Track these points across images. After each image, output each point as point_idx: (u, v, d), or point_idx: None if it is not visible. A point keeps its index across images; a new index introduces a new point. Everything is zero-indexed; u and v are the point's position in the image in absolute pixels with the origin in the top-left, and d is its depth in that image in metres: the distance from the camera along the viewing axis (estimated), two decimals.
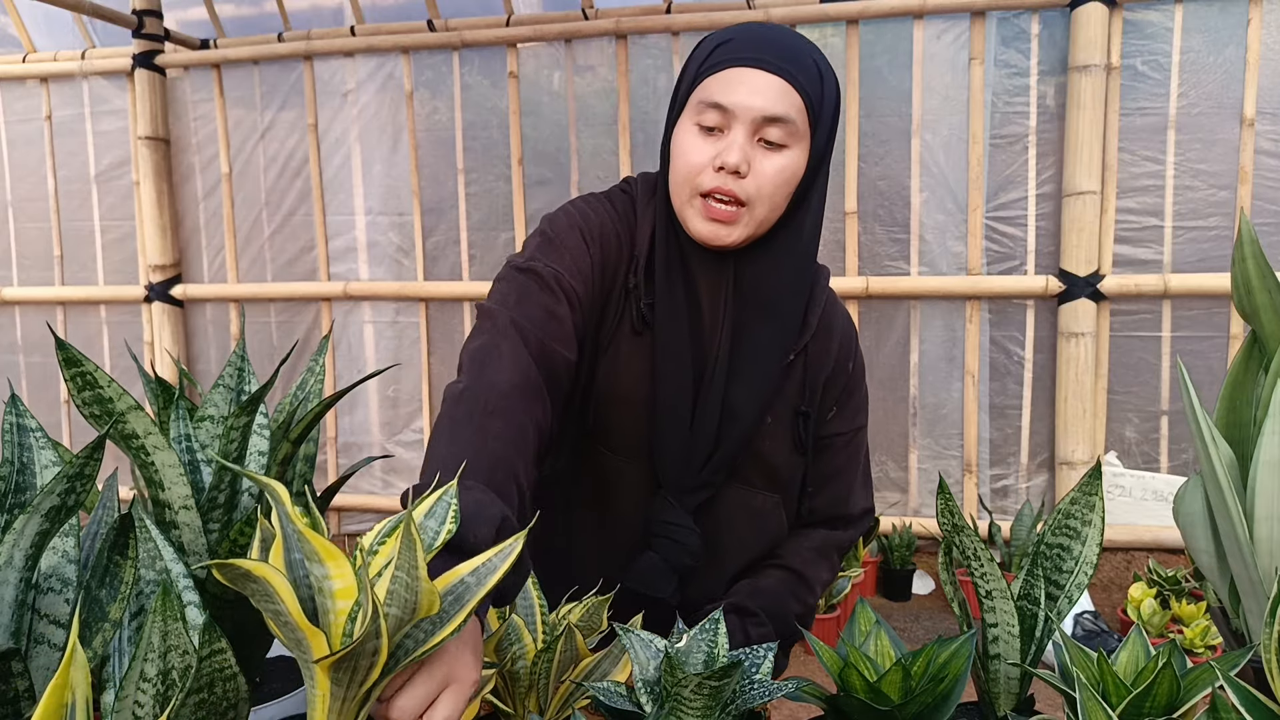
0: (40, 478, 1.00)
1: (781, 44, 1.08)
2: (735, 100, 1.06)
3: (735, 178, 1.07)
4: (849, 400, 1.27)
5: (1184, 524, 1.22)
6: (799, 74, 1.07)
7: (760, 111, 1.06)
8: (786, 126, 1.07)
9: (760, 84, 1.06)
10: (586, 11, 3.89)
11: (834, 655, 0.96)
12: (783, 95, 1.06)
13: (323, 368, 1.46)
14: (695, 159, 1.09)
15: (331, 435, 4.31)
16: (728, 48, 1.08)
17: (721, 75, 1.07)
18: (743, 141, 1.07)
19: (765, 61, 1.06)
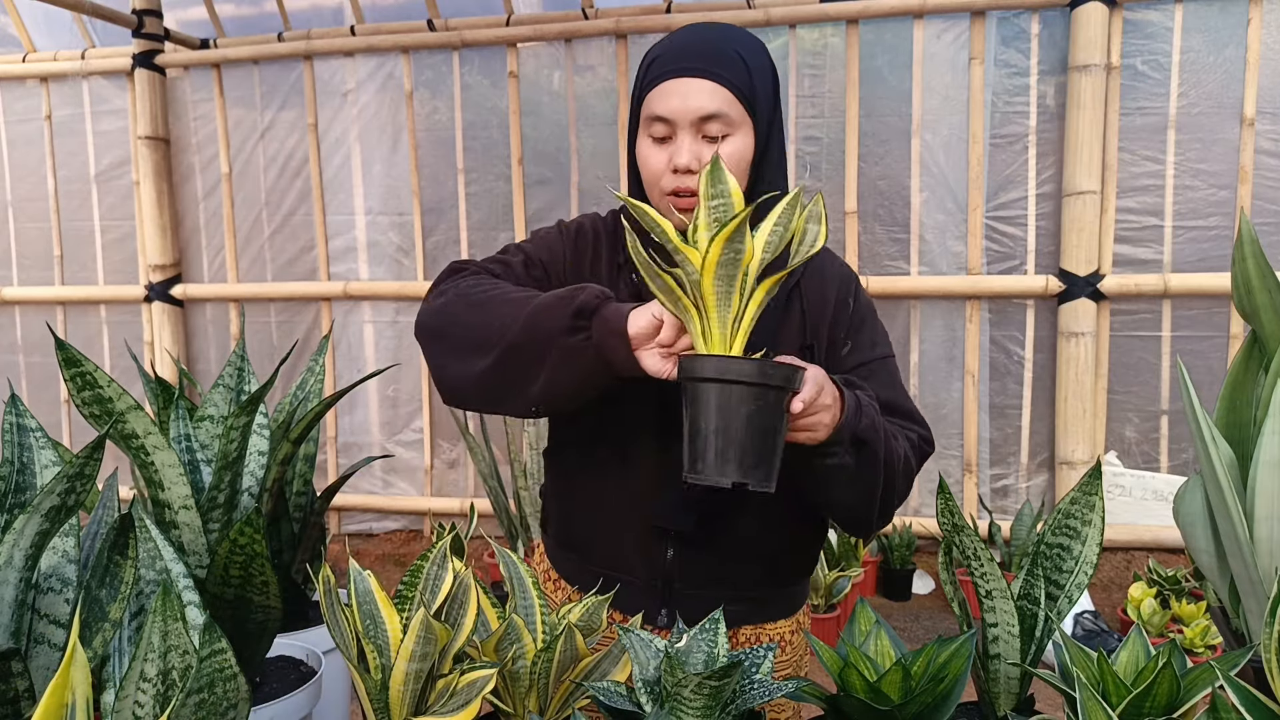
0: (40, 478, 1.00)
1: (704, 47, 1.23)
2: (671, 109, 1.21)
3: (689, 175, 1.21)
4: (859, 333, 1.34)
5: (1184, 524, 1.22)
6: (722, 70, 1.21)
7: (695, 113, 1.20)
8: (722, 119, 1.21)
9: (689, 89, 1.20)
10: (586, 11, 3.89)
11: (834, 655, 0.96)
12: (712, 94, 1.20)
13: (323, 368, 1.46)
14: (655, 166, 1.24)
15: (331, 435, 4.31)
16: (658, 63, 1.24)
17: (657, 90, 1.22)
18: (689, 143, 1.21)
19: (690, 69, 1.21)
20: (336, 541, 4.21)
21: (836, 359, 1.30)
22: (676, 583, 1.27)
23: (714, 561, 1.27)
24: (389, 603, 0.93)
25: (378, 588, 0.94)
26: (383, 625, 0.92)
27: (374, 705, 0.91)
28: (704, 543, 1.27)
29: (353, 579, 0.94)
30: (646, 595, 1.26)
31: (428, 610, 0.88)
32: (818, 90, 3.72)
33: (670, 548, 1.26)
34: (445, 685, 0.93)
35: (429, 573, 0.97)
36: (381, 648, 0.91)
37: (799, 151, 3.75)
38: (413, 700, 0.91)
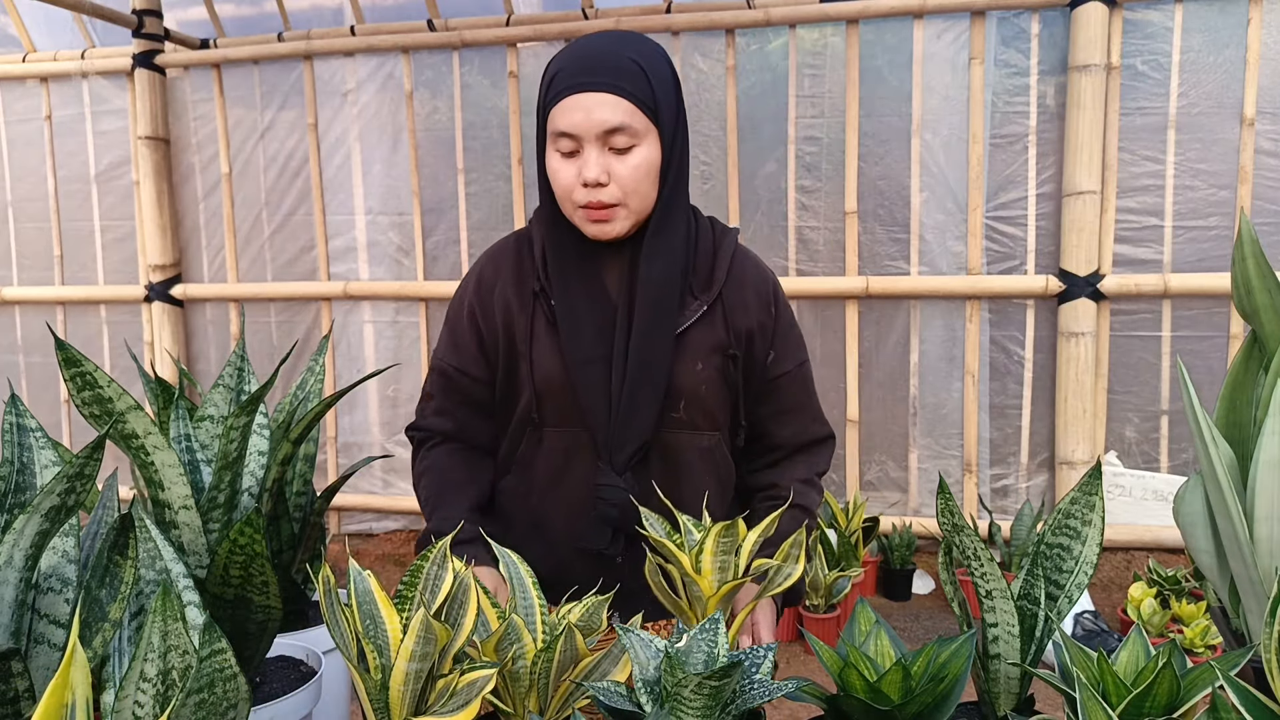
0: (40, 478, 1.00)
1: (604, 59, 1.24)
2: (575, 124, 1.22)
3: (599, 189, 1.24)
4: (784, 342, 1.42)
5: (1184, 524, 1.22)
6: (621, 82, 1.23)
7: (599, 126, 1.22)
8: (626, 130, 1.23)
9: (592, 103, 1.22)
10: (586, 11, 3.89)
11: (834, 655, 0.96)
12: (614, 107, 1.22)
13: (323, 368, 1.46)
14: (565, 180, 1.26)
15: (331, 435, 4.31)
16: (559, 78, 1.25)
17: (560, 106, 1.24)
18: (595, 156, 1.23)
19: (590, 83, 1.22)
20: (336, 541, 4.21)
21: (761, 366, 1.39)
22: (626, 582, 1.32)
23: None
24: (389, 603, 0.93)
25: (377, 588, 0.94)
26: (382, 625, 0.92)
27: (374, 705, 0.91)
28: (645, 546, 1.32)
29: (352, 579, 0.94)
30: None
31: (428, 610, 0.88)
32: (818, 90, 3.72)
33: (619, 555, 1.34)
34: (445, 685, 0.93)
35: (429, 573, 0.97)
36: (381, 648, 0.91)
37: (799, 151, 3.75)
38: (413, 700, 0.91)
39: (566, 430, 1.35)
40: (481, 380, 1.40)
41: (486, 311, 1.38)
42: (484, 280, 1.40)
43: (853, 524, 3.49)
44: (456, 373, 1.40)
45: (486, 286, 1.39)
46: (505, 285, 1.38)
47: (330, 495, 1.52)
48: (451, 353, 1.41)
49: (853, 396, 3.79)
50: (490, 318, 1.37)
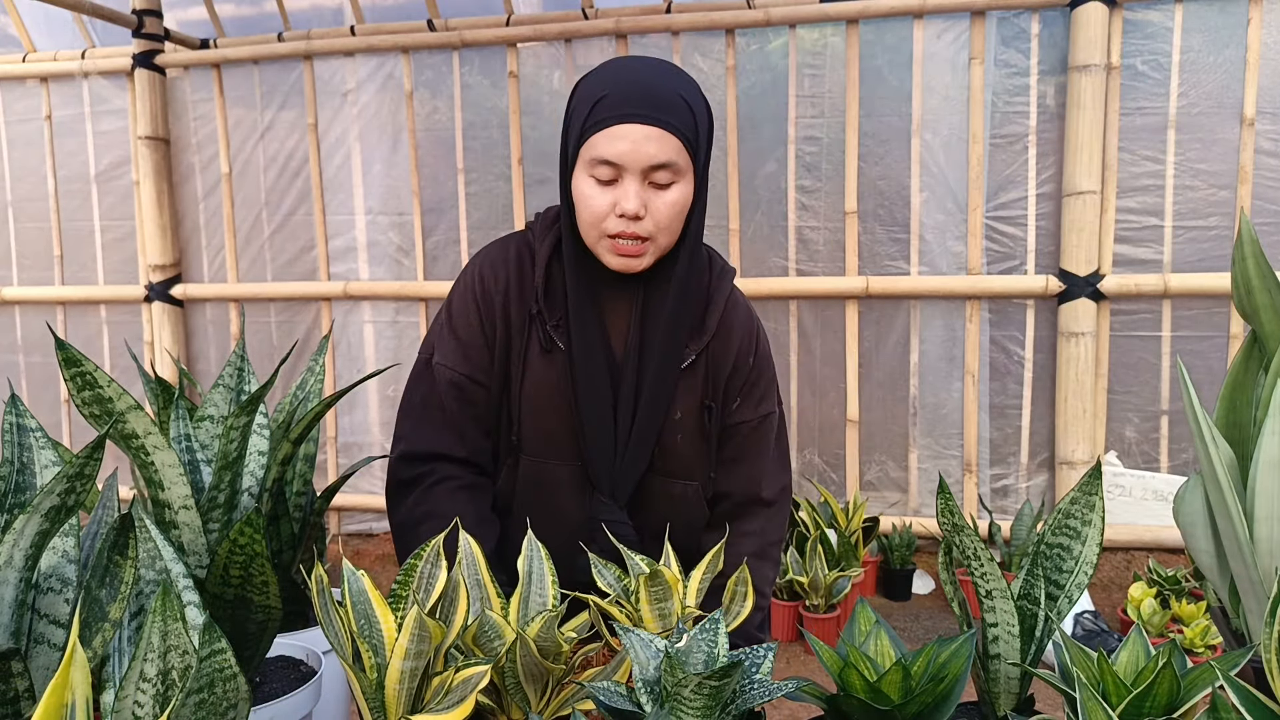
0: (40, 478, 1.00)
1: (652, 91, 1.20)
2: (621, 154, 1.19)
3: (635, 221, 1.21)
4: (752, 391, 1.39)
5: (1184, 524, 1.22)
6: (672, 119, 1.20)
7: (647, 161, 1.19)
8: (671, 168, 1.21)
9: (640, 136, 1.18)
10: (586, 11, 3.89)
11: (834, 655, 0.96)
12: (663, 142, 1.19)
13: (323, 368, 1.46)
14: (597, 208, 1.22)
15: (331, 435, 4.31)
16: (605, 104, 1.20)
17: (606, 133, 1.20)
18: (636, 189, 1.20)
19: (641, 115, 1.18)
20: (336, 541, 4.21)
21: (728, 408, 1.38)
22: None
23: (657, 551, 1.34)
24: (383, 602, 0.93)
25: (371, 587, 0.94)
26: (377, 624, 0.92)
27: (370, 704, 0.91)
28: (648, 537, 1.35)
29: (346, 579, 0.94)
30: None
31: (421, 609, 0.88)
32: (818, 90, 3.72)
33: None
34: (440, 683, 0.93)
35: (422, 571, 0.97)
36: (376, 647, 0.91)
37: (799, 151, 3.75)
38: (408, 698, 0.91)
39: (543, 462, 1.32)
40: (489, 388, 1.34)
41: (492, 318, 1.33)
42: (487, 285, 1.35)
43: (853, 524, 3.49)
44: (469, 382, 1.33)
45: (488, 293, 1.34)
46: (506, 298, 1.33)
47: (330, 495, 1.52)
48: (462, 361, 1.34)
49: (853, 396, 3.79)
50: (494, 324, 1.33)
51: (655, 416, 1.30)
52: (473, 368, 1.34)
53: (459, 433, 1.34)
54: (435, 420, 1.35)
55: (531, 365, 1.31)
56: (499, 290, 1.34)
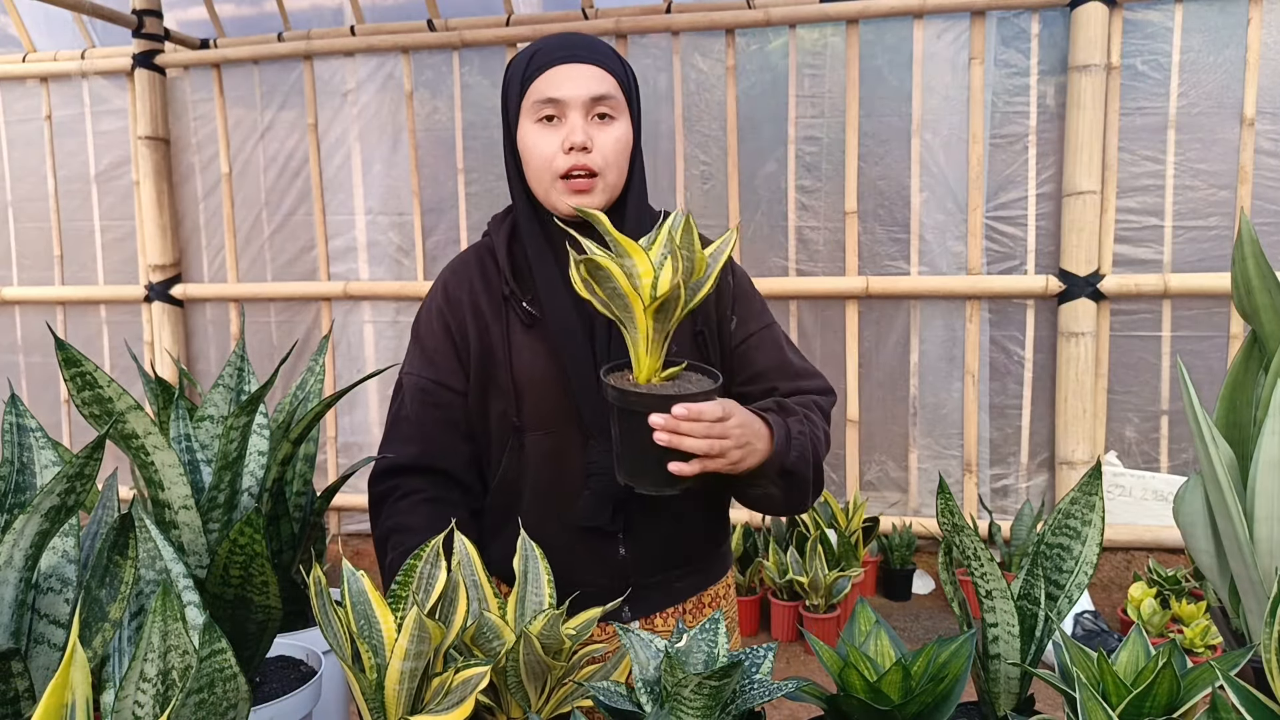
0: (40, 478, 1.00)
1: (586, 40, 1.30)
2: (564, 92, 1.25)
3: (584, 153, 1.26)
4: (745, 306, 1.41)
5: (1184, 524, 1.22)
6: (605, 59, 1.29)
7: (588, 93, 1.26)
8: (611, 101, 1.27)
9: (580, 73, 1.26)
10: (586, 11, 3.89)
11: (834, 655, 0.96)
12: (601, 78, 1.27)
13: (323, 368, 1.46)
14: (546, 149, 1.27)
15: (331, 435, 4.31)
16: (541, 54, 1.29)
17: (545, 75, 1.27)
18: (581, 123, 1.26)
19: (578, 55, 1.27)
20: (336, 541, 4.21)
21: (726, 334, 1.38)
22: (632, 576, 1.33)
23: (661, 545, 1.34)
24: (383, 602, 0.93)
25: (371, 587, 0.94)
26: (377, 625, 0.92)
27: (370, 705, 0.91)
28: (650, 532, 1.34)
29: (346, 579, 0.94)
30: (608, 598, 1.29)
31: (421, 609, 0.88)
32: (818, 90, 3.72)
33: (621, 546, 1.32)
34: (440, 683, 0.93)
35: (422, 571, 0.97)
36: (376, 647, 0.91)
37: (799, 151, 3.75)
38: (408, 699, 0.91)
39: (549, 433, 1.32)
40: (460, 393, 1.35)
41: (459, 322, 1.35)
42: (450, 292, 1.37)
43: (853, 524, 3.49)
44: (435, 386, 1.35)
45: (454, 298, 1.37)
46: (473, 295, 1.36)
47: (330, 495, 1.51)
48: (427, 367, 1.36)
49: (853, 396, 3.79)
50: (464, 327, 1.35)
51: None
52: (438, 372, 1.36)
53: (426, 442, 1.34)
54: (402, 433, 1.36)
55: (516, 345, 1.33)
56: (465, 292, 1.37)
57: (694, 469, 1.09)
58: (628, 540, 1.33)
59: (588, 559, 1.31)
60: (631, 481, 1.11)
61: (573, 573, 1.28)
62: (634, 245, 1.05)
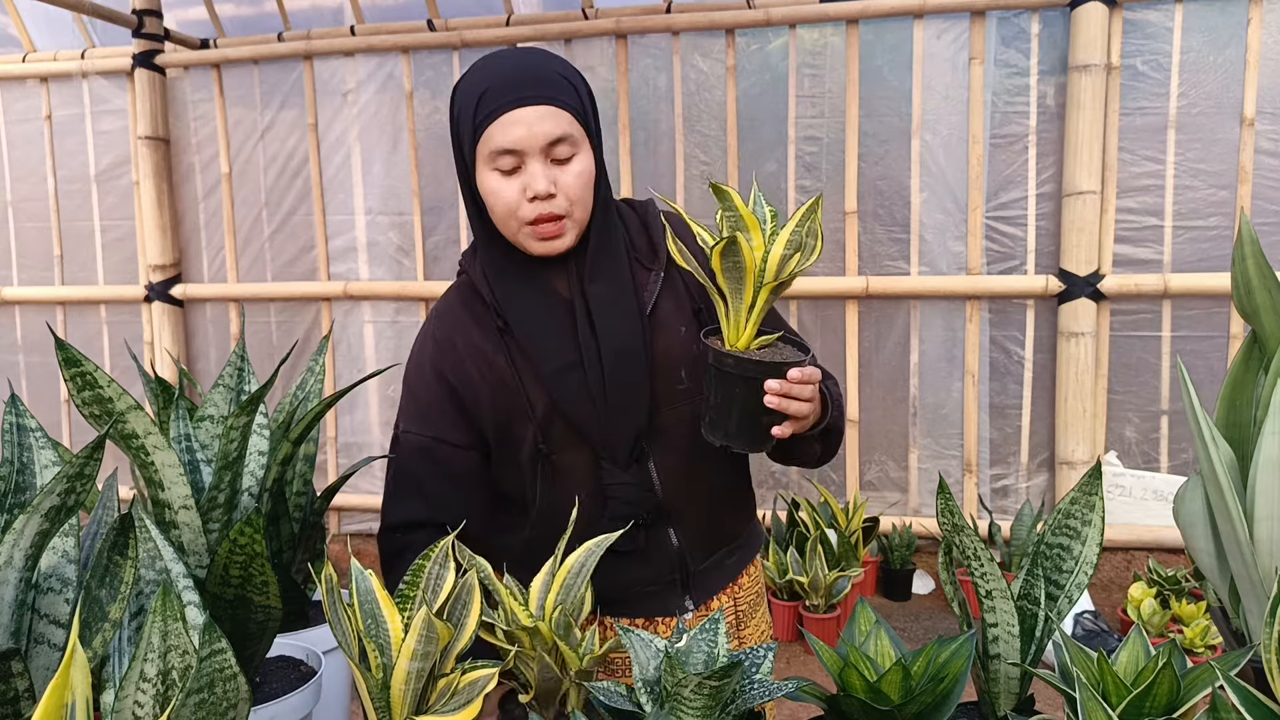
0: (40, 478, 1.00)
1: (531, 73, 1.24)
2: (519, 139, 1.21)
3: (548, 201, 1.23)
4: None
5: (1184, 524, 1.22)
6: (557, 94, 1.23)
7: (545, 139, 1.21)
8: (568, 140, 1.23)
9: (533, 116, 1.21)
10: (586, 11, 3.89)
11: (834, 655, 0.96)
12: (555, 117, 1.22)
13: (323, 368, 1.46)
14: (508, 198, 1.24)
15: (331, 435, 4.31)
16: (488, 97, 1.23)
17: (498, 124, 1.22)
18: (541, 169, 1.22)
19: (528, 97, 1.21)
20: (337, 541, 4.21)
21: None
22: (690, 565, 1.33)
23: (708, 526, 1.35)
24: (390, 602, 0.93)
25: (379, 587, 0.94)
26: (384, 624, 0.92)
27: (375, 704, 0.91)
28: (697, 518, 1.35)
29: (354, 578, 0.95)
30: (669, 592, 1.30)
31: (430, 609, 0.88)
32: (818, 90, 3.72)
33: (674, 539, 1.32)
34: (447, 684, 0.93)
35: (430, 572, 0.97)
36: (383, 646, 0.91)
37: (799, 151, 3.75)
38: (414, 699, 0.91)
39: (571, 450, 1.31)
40: (460, 446, 1.32)
41: (457, 367, 1.32)
42: (439, 340, 1.35)
43: (853, 524, 3.49)
44: (433, 442, 1.32)
45: (445, 345, 1.34)
46: (467, 335, 1.33)
47: (330, 495, 1.51)
48: (422, 424, 1.34)
49: (853, 396, 3.79)
50: (463, 372, 1.32)
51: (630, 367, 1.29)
52: (435, 428, 1.33)
53: (431, 500, 1.32)
54: (407, 490, 1.34)
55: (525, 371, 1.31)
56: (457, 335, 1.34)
57: (788, 431, 1.15)
58: (679, 531, 1.33)
59: (642, 559, 1.31)
60: (729, 442, 1.17)
61: (630, 574, 1.28)
62: (756, 224, 1.10)
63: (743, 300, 1.14)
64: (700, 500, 1.34)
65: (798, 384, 1.11)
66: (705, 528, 1.35)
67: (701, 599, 1.35)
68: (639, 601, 1.31)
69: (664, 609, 1.31)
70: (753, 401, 1.13)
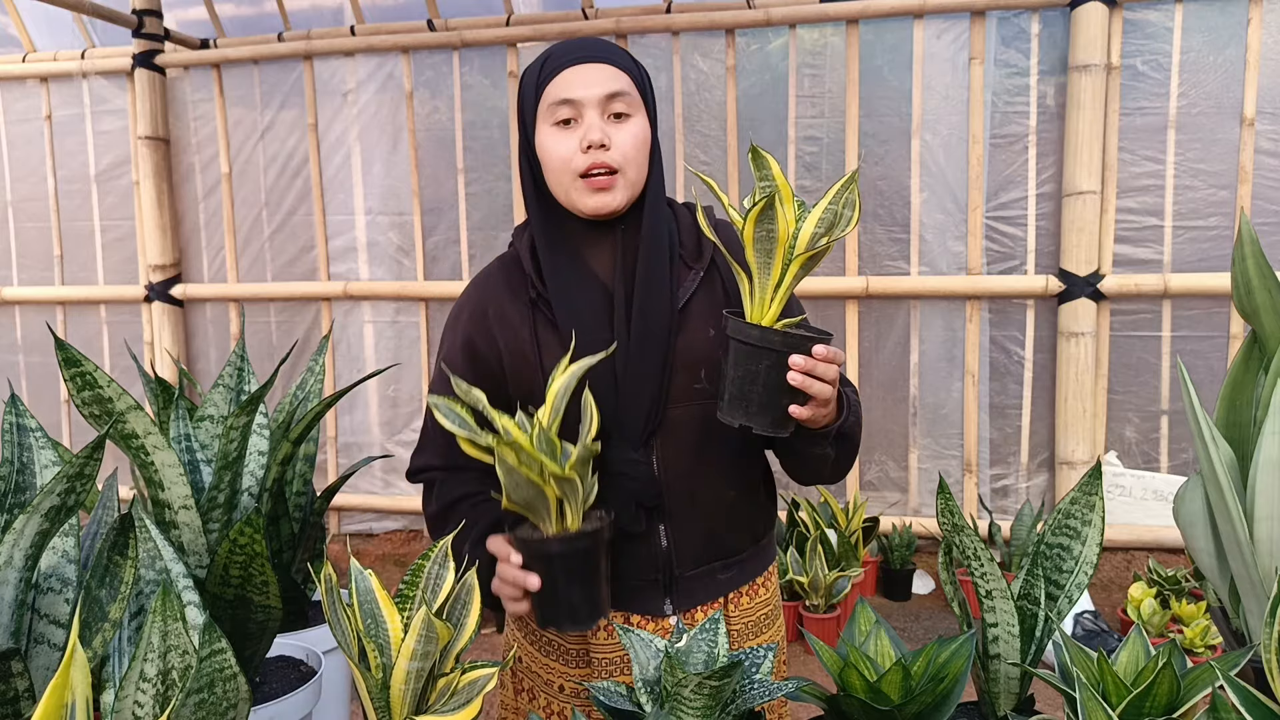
0: (40, 478, 1.00)
1: (596, 41, 1.33)
2: (578, 92, 1.27)
3: (602, 151, 1.27)
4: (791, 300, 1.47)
5: (1184, 524, 1.22)
6: (618, 58, 1.31)
7: (602, 91, 1.27)
8: (626, 98, 1.28)
9: (593, 73, 1.28)
10: (586, 11, 3.89)
11: (834, 655, 0.96)
12: (614, 76, 1.28)
13: (323, 368, 1.46)
14: (563, 150, 1.29)
15: (331, 435, 4.31)
16: (554, 58, 1.32)
17: (559, 78, 1.29)
18: (597, 121, 1.27)
19: (589, 55, 1.29)
20: (336, 541, 4.21)
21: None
22: (675, 569, 1.31)
23: (703, 537, 1.33)
24: (390, 602, 0.93)
25: (379, 587, 0.94)
26: (384, 624, 0.92)
27: (375, 704, 0.91)
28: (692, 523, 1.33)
29: (354, 578, 0.95)
30: (650, 591, 1.29)
31: (429, 610, 0.88)
32: (818, 90, 3.72)
33: (664, 539, 1.31)
34: (446, 684, 0.93)
35: (430, 572, 0.97)
36: (383, 646, 0.91)
37: (799, 151, 3.75)
38: (414, 699, 0.91)
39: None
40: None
41: (486, 336, 1.35)
42: (475, 308, 1.38)
43: (853, 524, 3.49)
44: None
45: (479, 313, 1.37)
46: (499, 303, 1.36)
47: (330, 495, 1.52)
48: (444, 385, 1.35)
49: None
50: (489, 338, 1.35)
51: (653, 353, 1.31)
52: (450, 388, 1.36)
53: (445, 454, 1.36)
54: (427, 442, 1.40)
55: (546, 346, 1.33)
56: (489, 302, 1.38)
57: (808, 413, 1.12)
58: (670, 531, 1.32)
59: (628, 552, 1.30)
60: (749, 421, 1.13)
61: (614, 566, 1.28)
62: (791, 195, 1.09)
63: (770, 276, 1.12)
64: (698, 505, 1.33)
65: (822, 362, 1.10)
66: (698, 535, 1.34)
67: (685, 606, 1.33)
68: (622, 595, 1.30)
69: (643, 608, 1.30)
70: (776, 376, 1.09)
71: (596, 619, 1.12)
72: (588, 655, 1.31)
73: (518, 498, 1.06)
